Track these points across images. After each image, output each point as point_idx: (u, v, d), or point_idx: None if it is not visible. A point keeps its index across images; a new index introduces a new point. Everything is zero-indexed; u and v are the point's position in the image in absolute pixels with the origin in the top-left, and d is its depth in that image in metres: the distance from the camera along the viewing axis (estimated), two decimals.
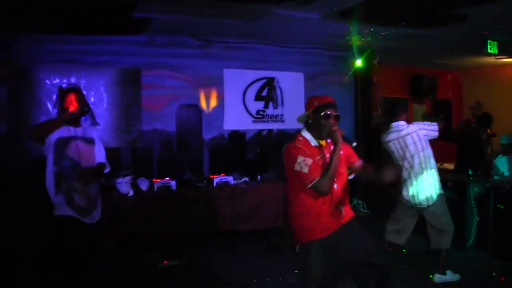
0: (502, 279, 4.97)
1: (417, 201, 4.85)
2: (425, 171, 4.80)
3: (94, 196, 4.00)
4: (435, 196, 4.81)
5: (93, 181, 3.98)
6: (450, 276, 4.89)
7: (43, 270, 4.66)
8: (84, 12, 5.59)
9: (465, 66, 10.08)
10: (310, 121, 3.41)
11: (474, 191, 6.01)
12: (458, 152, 7.99)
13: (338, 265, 3.40)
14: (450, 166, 8.30)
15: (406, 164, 4.88)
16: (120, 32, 6.66)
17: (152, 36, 6.95)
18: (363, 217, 7.75)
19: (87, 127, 4.13)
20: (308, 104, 3.47)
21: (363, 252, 3.35)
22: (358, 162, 3.60)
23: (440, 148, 8.67)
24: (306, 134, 3.45)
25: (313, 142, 3.40)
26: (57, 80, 6.66)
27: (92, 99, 6.81)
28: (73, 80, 6.73)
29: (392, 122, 4.98)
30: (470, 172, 6.77)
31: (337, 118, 3.35)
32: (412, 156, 4.81)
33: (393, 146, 4.91)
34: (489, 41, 7.50)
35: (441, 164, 8.37)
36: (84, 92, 4.21)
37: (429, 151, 4.84)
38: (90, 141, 4.03)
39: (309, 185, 3.23)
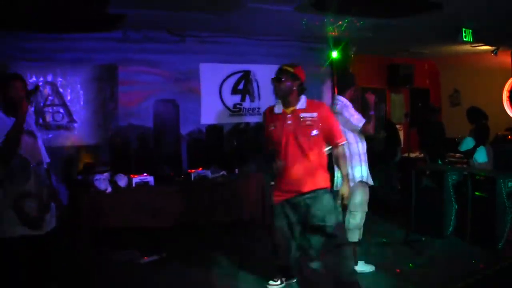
0: (481, 266, 5.02)
1: (335, 183, 4.72)
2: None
3: (47, 199, 3.51)
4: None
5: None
6: (362, 267, 4.73)
7: None
8: (58, 9, 5.55)
9: (442, 54, 10.14)
10: (295, 89, 3.87)
11: (452, 179, 6.08)
12: (425, 140, 8.05)
13: (301, 225, 3.80)
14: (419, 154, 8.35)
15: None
16: (94, 29, 6.62)
17: (127, 32, 6.95)
18: None
19: (28, 119, 3.50)
20: (302, 74, 3.92)
21: (321, 222, 3.67)
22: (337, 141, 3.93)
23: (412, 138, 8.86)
24: (277, 102, 3.99)
25: (278, 109, 3.88)
26: (33, 79, 6.62)
27: (68, 97, 6.84)
28: (49, 78, 6.72)
29: (338, 95, 4.85)
30: (440, 162, 6.83)
31: None
32: None
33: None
34: (464, 29, 7.54)
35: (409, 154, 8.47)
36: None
37: (347, 136, 4.51)
38: (34, 135, 3.54)
39: None
